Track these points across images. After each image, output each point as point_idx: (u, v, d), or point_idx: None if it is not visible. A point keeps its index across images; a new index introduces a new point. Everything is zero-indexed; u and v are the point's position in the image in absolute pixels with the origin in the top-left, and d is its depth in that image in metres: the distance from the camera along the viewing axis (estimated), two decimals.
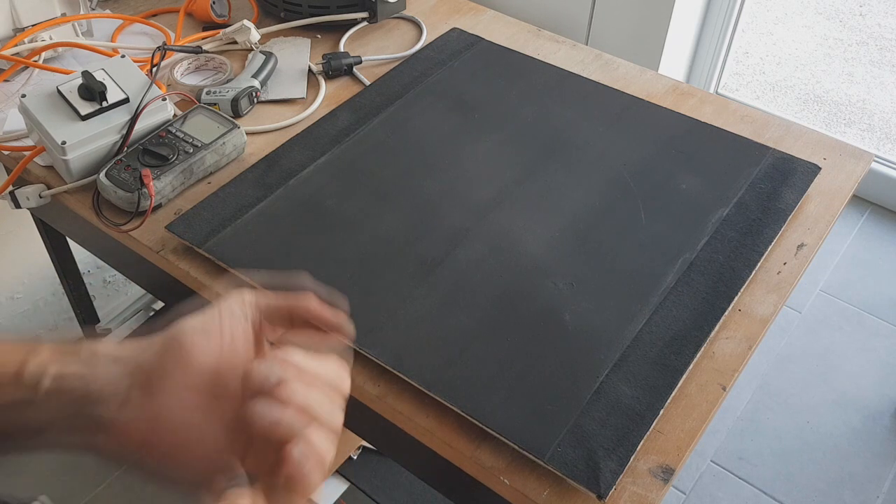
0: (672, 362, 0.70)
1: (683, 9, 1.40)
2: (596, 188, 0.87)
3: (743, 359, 0.72)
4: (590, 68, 1.07)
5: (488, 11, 1.18)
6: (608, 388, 0.68)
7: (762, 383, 1.57)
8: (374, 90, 1.01)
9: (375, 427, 0.75)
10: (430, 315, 0.74)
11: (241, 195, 0.85)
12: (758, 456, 1.46)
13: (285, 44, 1.10)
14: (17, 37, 1.01)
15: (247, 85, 0.98)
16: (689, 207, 0.84)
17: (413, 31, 1.15)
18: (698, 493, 1.42)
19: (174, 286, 0.84)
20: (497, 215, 0.83)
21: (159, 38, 1.11)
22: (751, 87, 2.43)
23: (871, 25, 2.73)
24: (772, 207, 0.84)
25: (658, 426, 0.67)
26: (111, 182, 0.84)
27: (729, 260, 0.79)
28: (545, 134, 0.94)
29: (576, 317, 0.73)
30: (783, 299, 0.78)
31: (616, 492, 0.62)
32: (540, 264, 0.78)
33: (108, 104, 0.87)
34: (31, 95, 0.88)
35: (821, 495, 1.40)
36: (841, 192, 0.89)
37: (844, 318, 1.69)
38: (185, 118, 0.91)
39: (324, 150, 0.91)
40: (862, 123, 2.31)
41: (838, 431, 1.50)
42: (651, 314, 0.74)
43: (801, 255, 0.82)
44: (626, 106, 0.98)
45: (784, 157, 0.91)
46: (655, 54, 1.39)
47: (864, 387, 1.57)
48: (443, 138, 0.93)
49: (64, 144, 0.84)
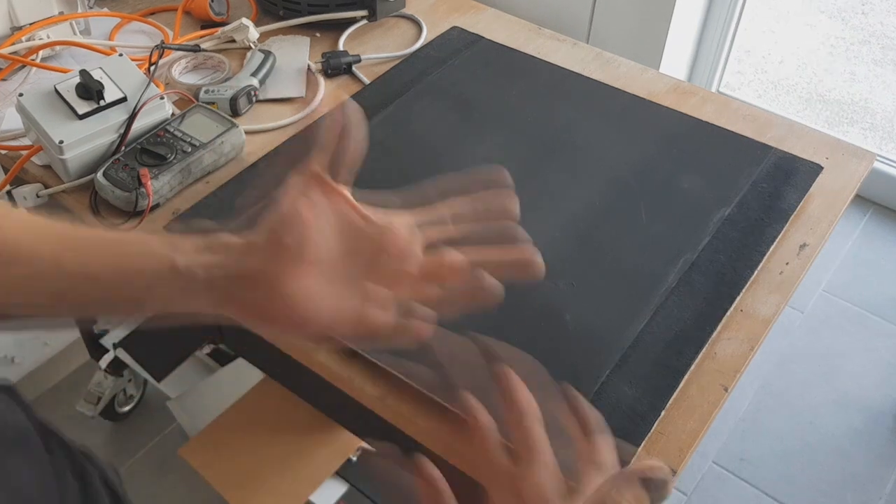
0: (673, 363, 0.69)
1: (685, 7, 1.39)
2: (597, 188, 0.86)
3: (745, 359, 0.72)
4: (590, 67, 1.06)
5: (488, 10, 1.18)
6: (609, 388, 0.67)
7: (764, 384, 1.57)
8: (373, 89, 1.00)
9: (375, 428, 0.74)
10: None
11: (239, 195, 0.85)
12: (759, 457, 1.46)
13: (284, 42, 1.10)
14: (15, 35, 1.01)
15: (245, 84, 0.98)
16: (690, 207, 0.84)
17: (413, 29, 1.14)
18: (700, 494, 1.41)
19: None
20: None
21: (157, 36, 1.11)
22: (753, 86, 2.43)
23: (873, 24, 2.72)
24: (774, 207, 0.84)
25: (659, 427, 0.66)
26: (109, 181, 0.84)
27: (731, 260, 0.78)
28: (546, 133, 0.93)
29: (576, 317, 0.73)
30: (785, 299, 0.77)
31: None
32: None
33: (105, 103, 0.87)
34: (29, 94, 0.88)
35: (823, 496, 1.40)
36: (843, 192, 0.89)
37: (847, 318, 1.69)
38: (183, 117, 0.90)
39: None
40: (864, 122, 2.31)
41: (840, 432, 1.49)
42: (652, 314, 0.73)
43: (803, 255, 0.81)
44: (627, 105, 0.97)
45: (786, 156, 0.90)
46: (657, 53, 1.38)
47: (867, 387, 1.57)
48: (442, 137, 0.92)
49: (61, 143, 0.83)
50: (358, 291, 0.47)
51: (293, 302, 0.45)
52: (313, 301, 0.46)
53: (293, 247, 0.45)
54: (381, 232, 0.48)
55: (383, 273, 0.48)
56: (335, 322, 0.47)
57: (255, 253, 0.46)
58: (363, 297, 0.47)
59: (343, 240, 0.47)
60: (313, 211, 0.46)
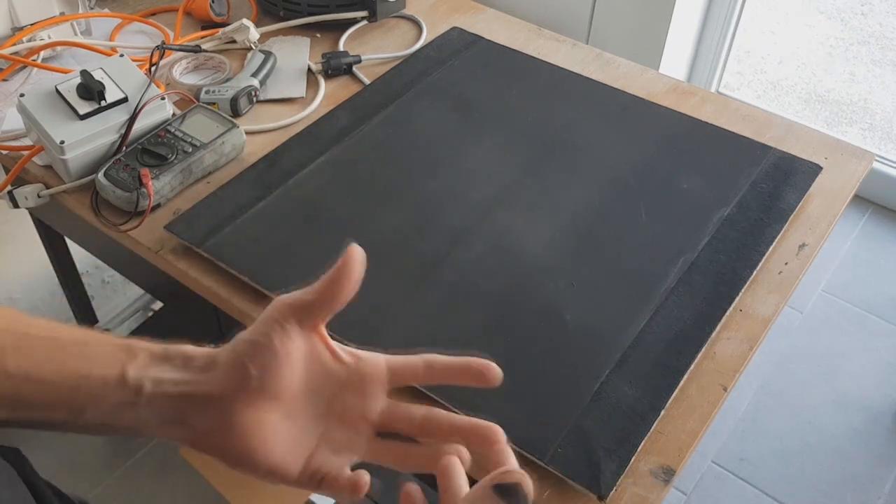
0: (673, 363, 0.70)
1: (684, 8, 1.40)
2: (597, 188, 0.86)
3: (744, 359, 0.72)
4: (590, 67, 1.06)
5: (488, 10, 1.18)
6: (609, 388, 0.68)
7: (763, 384, 1.57)
8: (373, 89, 1.00)
9: None
10: (429, 315, 0.74)
11: (240, 195, 0.85)
12: (759, 457, 1.46)
13: (284, 43, 1.10)
14: (16, 36, 1.01)
15: (246, 84, 0.98)
16: (690, 207, 0.84)
17: (413, 30, 1.14)
18: (699, 494, 1.41)
19: (173, 286, 0.84)
20: (497, 215, 0.83)
21: (158, 37, 1.11)
22: (752, 87, 2.43)
23: (872, 25, 2.72)
24: (773, 207, 0.84)
25: (659, 427, 0.66)
26: (110, 182, 0.84)
27: (730, 260, 0.78)
28: (546, 133, 0.93)
29: (576, 317, 0.73)
30: (784, 299, 0.77)
31: (617, 493, 0.62)
32: (540, 264, 0.78)
33: (106, 103, 0.87)
34: (30, 95, 0.88)
35: (822, 496, 1.40)
36: (842, 192, 0.89)
37: (846, 318, 1.69)
38: (183, 117, 0.91)
39: (323, 150, 0.90)
40: (863, 123, 2.31)
41: (840, 432, 1.49)
42: (652, 314, 0.73)
43: (802, 255, 0.82)
44: (627, 105, 0.97)
45: (785, 156, 0.90)
46: (656, 53, 1.38)
47: (866, 387, 1.57)
48: (443, 138, 0.92)
49: (62, 144, 0.84)
50: (315, 431, 0.44)
51: (242, 434, 0.42)
52: (264, 437, 0.42)
53: (255, 377, 0.42)
54: (349, 372, 0.45)
55: (345, 414, 0.45)
56: (282, 465, 0.43)
57: (215, 373, 0.43)
58: (318, 438, 0.44)
59: (309, 377, 0.44)
60: (285, 344, 0.42)
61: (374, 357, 0.46)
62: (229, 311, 0.78)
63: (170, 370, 0.43)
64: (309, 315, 0.43)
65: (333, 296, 0.42)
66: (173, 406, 0.42)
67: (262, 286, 0.76)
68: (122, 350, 0.43)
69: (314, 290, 0.43)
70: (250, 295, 0.77)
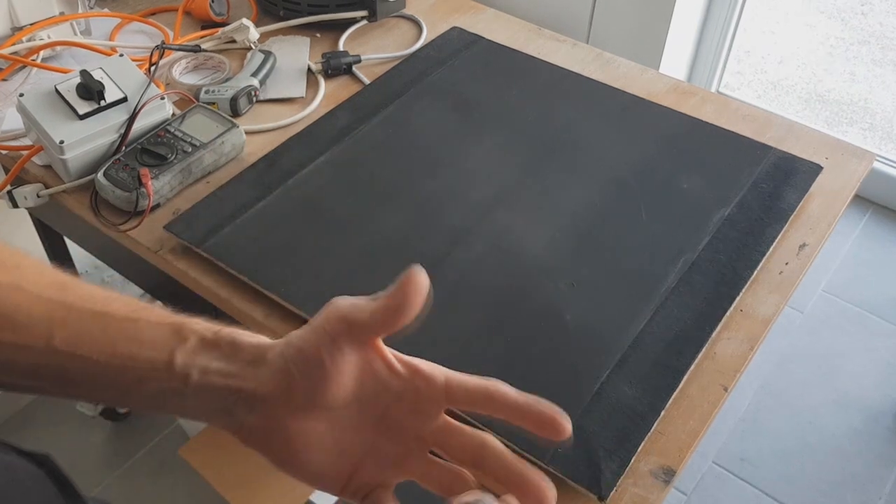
0: (673, 363, 0.70)
1: (684, 7, 1.40)
2: (597, 188, 0.86)
3: (745, 359, 0.72)
4: (590, 67, 1.06)
5: (488, 10, 1.18)
6: (609, 388, 0.68)
7: (764, 384, 1.57)
8: (373, 89, 1.00)
9: None
10: (429, 314, 0.73)
11: (239, 195, 0.85)
12: (759, 457, 1.46)
13: (284, 42, 1.10)
14: (15, 36, 1.01)
15: (245, 84, 0.98)
16: (690, 207, 0.84)
17: (413, 29, 1.14)
18: (699, 494, 1.41)
19: (172, 286, 0.84)
20: (497, 215, 0.83)
21: (158, 36, 1.11)
22: (752, 87, 2.43)
23: (872, 24, 2.72)
24: (773, 207, 0.84)
25: (659, 427, 0.66)
26: (109, 181, 0.84)
27: (730, 260, 0.78)
28: (546, 133, 0.93)
29: (576, 317, 0.73)
30: (785, 299, 0.77)
31: (617, 493, 0.62)
32: (540, 264, 0.78)
33: (106, 103, 0.87)
34: (29, 94, 0.88)
35: (822, 496, 1.40)
36: (843, 192, 0.89)
37: (846, 318, 1.69)
38: (183, 117, 0.91)
39: (323, 150, 0.90)
40: (864, 123, 2.31)
41: (840, 432, 1.49)
42: (652, 314, 0.73)
43: (802, 255, 0.82)
44: (627, 105, 0.97)
45: (786, 156, 0.90)
46: (656, 53, 1.38)
47: (867, 387, 1.57)
48: (443, 137, 0.92)
49: (62, 144, 0.84)
50: (363, 443, 0.43)
51: (286, 438, 0.41)
52: (308, 444, 0.42)
53: (303, 390, 0.41)
54: (404, 386, 0.43)
55: (396, 429, 0.43)
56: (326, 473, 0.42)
57: (262, 371, 0.41)
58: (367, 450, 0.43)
59: (361, 389, 0.42)
60: (335, 359, 0.40)
61: (432, 373, 0.43)
62: (229, 311, 0.78)
63: (217, 359, 0.42)
64: (363, 333, 0.41)
65: (389, 324, 0.40)
66: (220, 397, 0.41)
67: (262, 286, 0.76)
68: (173, 332, 0.42)
69: (371, 311, 0.40)
70: (250, 295, 0.77)
